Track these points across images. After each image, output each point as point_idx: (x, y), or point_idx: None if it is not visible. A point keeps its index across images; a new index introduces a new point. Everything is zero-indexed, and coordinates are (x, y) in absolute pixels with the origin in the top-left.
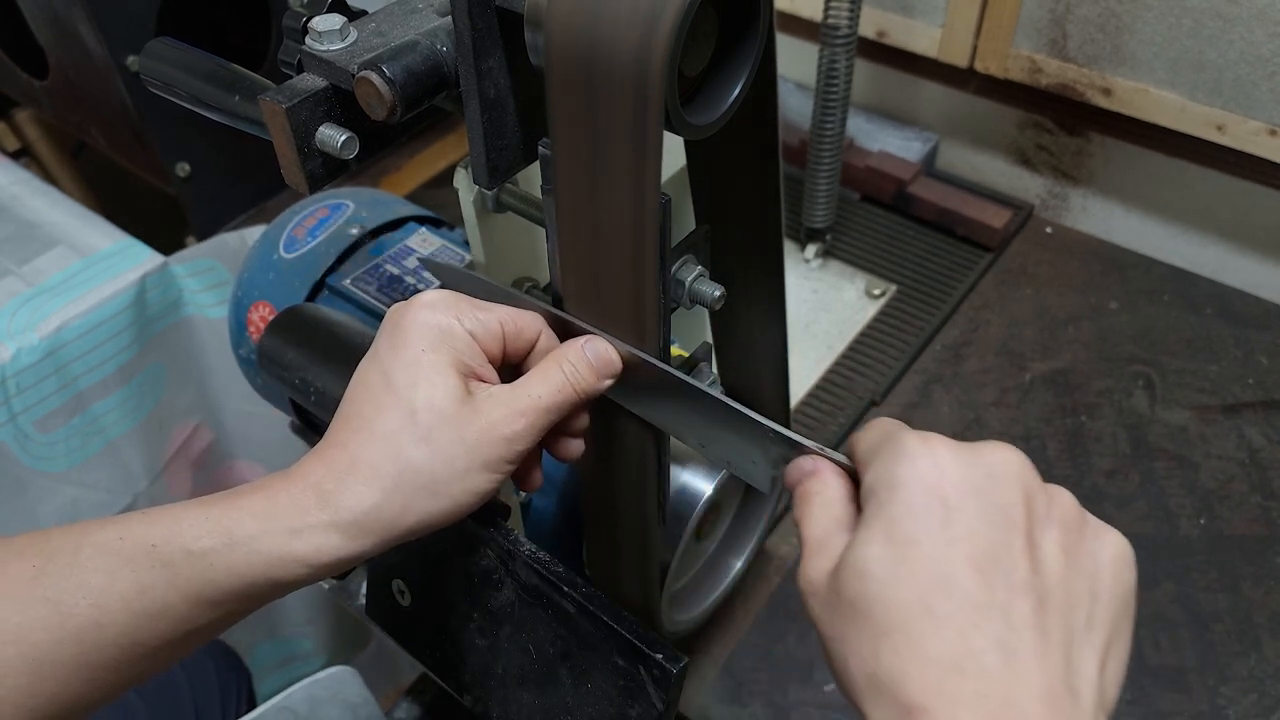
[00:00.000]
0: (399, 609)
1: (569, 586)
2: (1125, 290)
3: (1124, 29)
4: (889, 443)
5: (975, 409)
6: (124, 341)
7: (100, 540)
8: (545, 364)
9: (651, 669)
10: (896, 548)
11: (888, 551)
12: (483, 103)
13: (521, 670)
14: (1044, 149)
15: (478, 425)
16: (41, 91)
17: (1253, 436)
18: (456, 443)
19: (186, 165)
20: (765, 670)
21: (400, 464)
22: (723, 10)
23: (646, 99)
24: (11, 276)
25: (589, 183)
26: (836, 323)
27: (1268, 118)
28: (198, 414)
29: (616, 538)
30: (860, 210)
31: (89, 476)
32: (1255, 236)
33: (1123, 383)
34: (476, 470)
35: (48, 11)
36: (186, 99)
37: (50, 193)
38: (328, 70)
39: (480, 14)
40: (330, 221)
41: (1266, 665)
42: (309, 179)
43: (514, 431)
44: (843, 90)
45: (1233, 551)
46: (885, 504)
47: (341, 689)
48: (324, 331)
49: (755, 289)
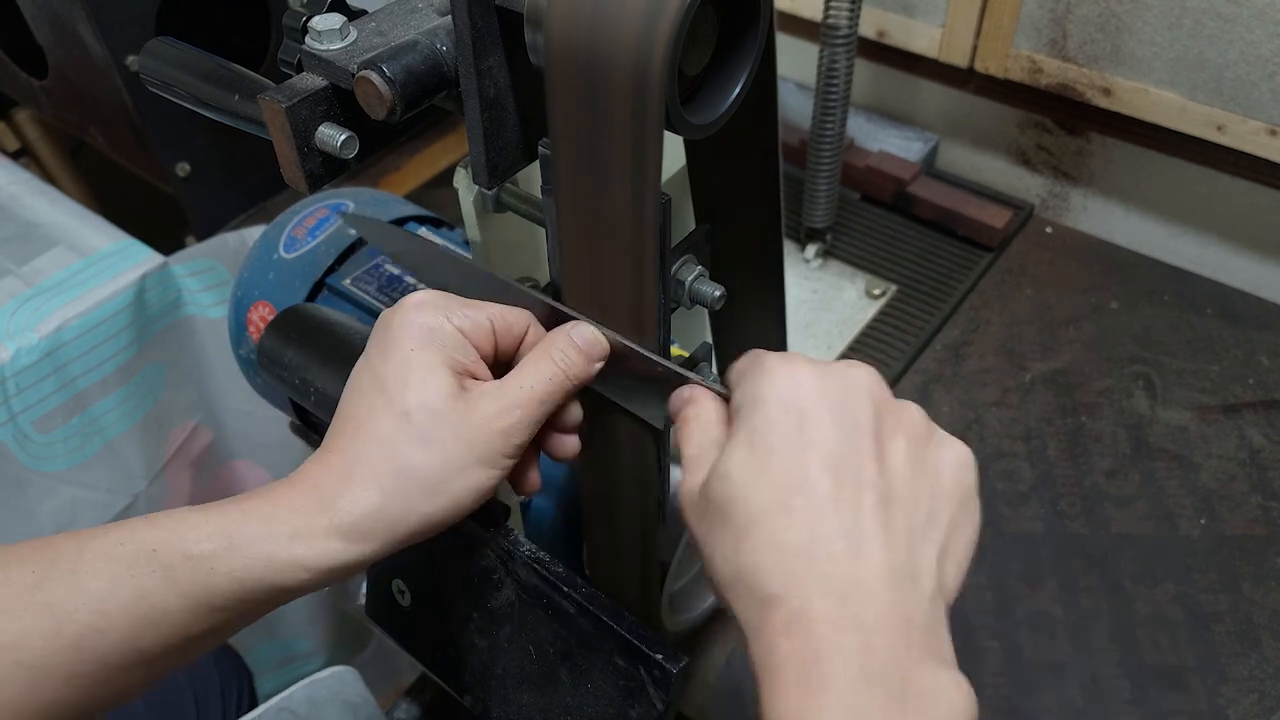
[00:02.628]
0: (399, 609)
1: (569, 586)
2: (1125, 290)
3: (1124, 29)
4: (753, 364)
5: (975, 409)
6: (123, 341)
7: (102, 546)
8: (534, 354)
9: (651, 669)
10: (757, 454)
11: (749, 458)
12: (483, 102)
13: (521, 670)
14: (1044, 149)
15: (472, 421)
16: (41, 91)
17: (1253, 436)
18: (452, 440)
19: (186, 165)
20: None
21: (398, 465)
22: (723, 10)
23: (646, 98)
24: (11, 276)
25: (589, 183)
26: (836, 323)
27: (1268, 118)
28: (197, 414)
29: (616, 538)
30: (860, 210)
31: (88, 476)
32: (1255, 236)
33: (1123, 383)
34: (474, 466)
35: (47, 11)
36: (186, 98)
37: (50, 193)
38: (327, 70)
39: (480, 13)
40: (330, 221)
41: (1266, 665)
42: (308, 178)
43: (508, 425)
44: (843, 90)
45: (1233, 552)
46: (748, 417)
47: (342, 689)
48: (324, 331)
49: (755, 289)
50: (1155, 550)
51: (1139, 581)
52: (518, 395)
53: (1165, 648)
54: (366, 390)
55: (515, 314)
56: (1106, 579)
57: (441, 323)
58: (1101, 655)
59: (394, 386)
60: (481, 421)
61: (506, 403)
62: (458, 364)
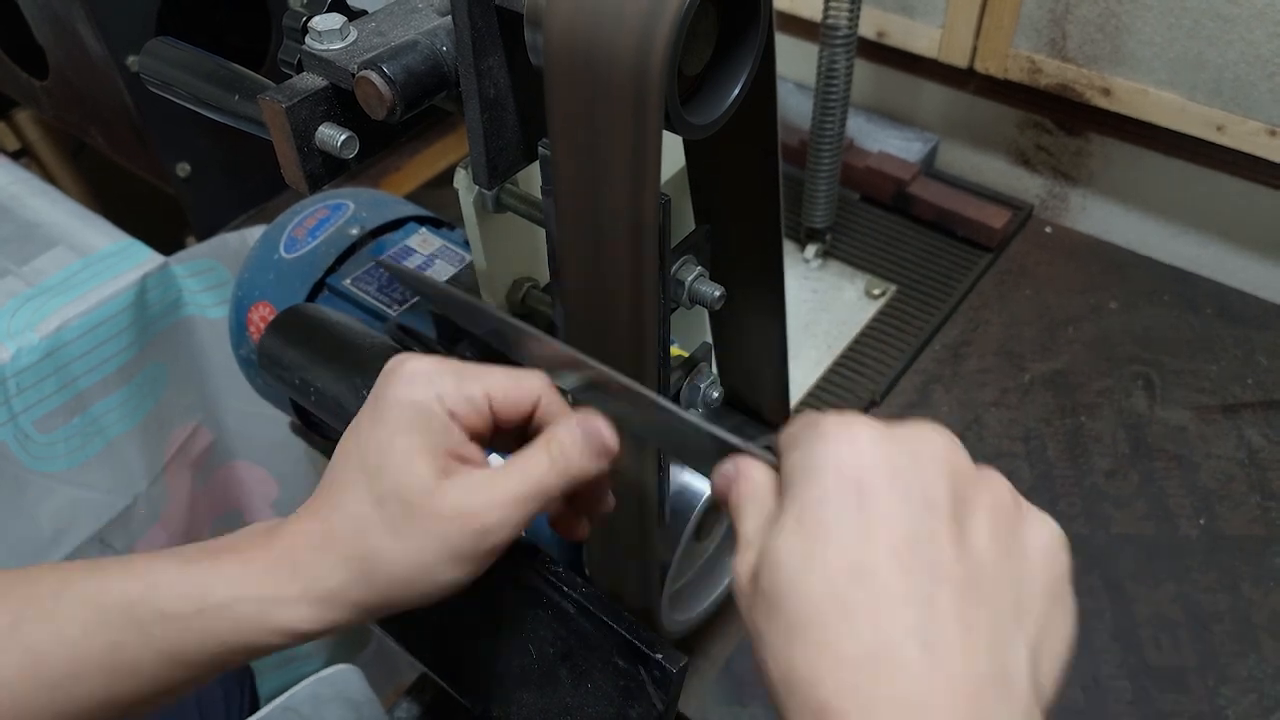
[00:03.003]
0: None
1: (569, 586)
2: (1125, 290)
3: (1124, 29)
4: (807, 428)
5: (975, 409)
6: (124, 341)
7: (79, 594)
8: (533, 447)
9: (651, 669)
10: (808, 535)
11: (799, 540)
12: (483, 102)
13: (521, 670)
14: (1044, 149)
15: (446, 515)
16: (41, 91)
17: (1252, 436)
18: (422, 535)
19: (186, 165)
20: None
21: (367, 549)
22: (722, 9)
23: (646, 98)
24: (11, 276)
25: (589, 183)
26: (836, 323)
27: (1268, 118)
28: (198, 414)
29: (616, 538)
30: (860, 210)
31: (89, 477)
32: (1255, 236)
33: (1123, 383)
34: (446, 563)
35: (48, 11)
36: (186, 98)
37: (50, 193)
38: (328, 70)
39: (480, 13)
40: (330, 222)
41: (1266, 665)
42: (308, 178)
43: (485, 525)
44: (843, 90)
45: (1233, 551)
46: (799, 492)
47: (345, 687)
48: (324, 332)
49: (755, 289)
50: (1155, 550)
51: (1139, 581)
52: (500, 494)
53: (1165, 648)
54: (348, 462)
55: (524, 386)
56: (1106, 579)
57: (431, 403)
58: (1101, 655)
59: (372, 468)
60: (455, 517)
61: (487, 500)
62: (442, 450)
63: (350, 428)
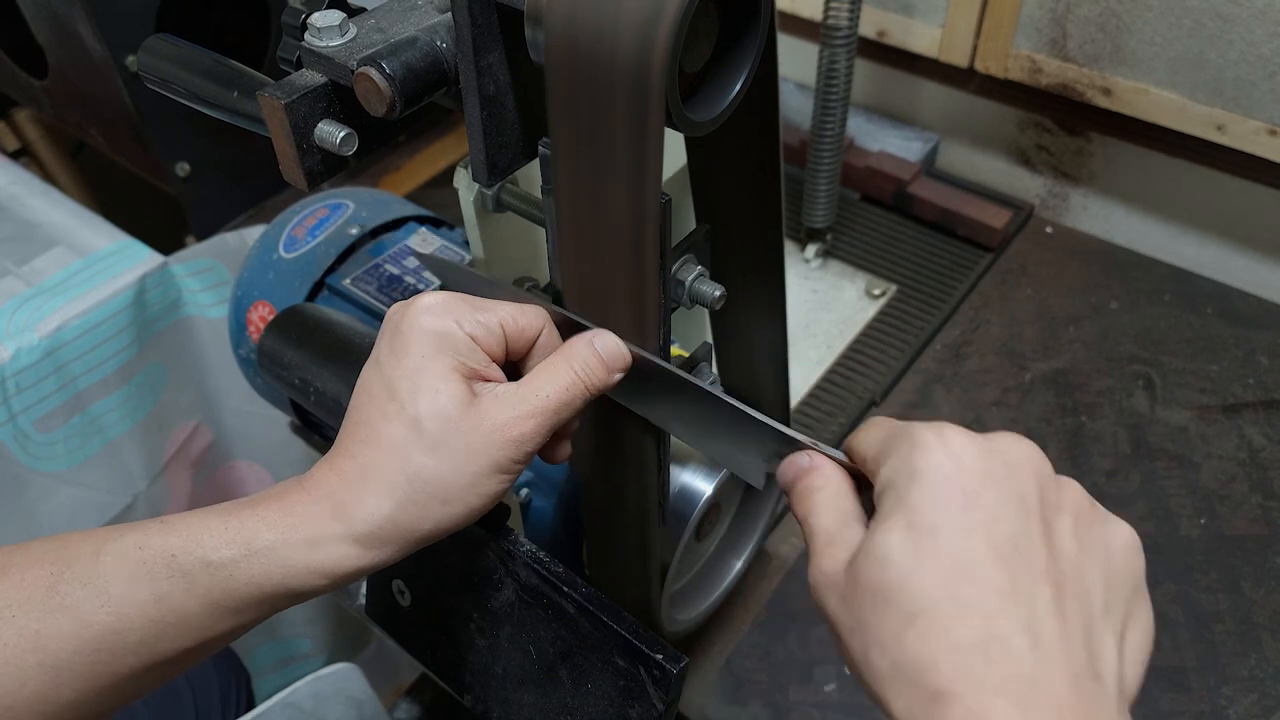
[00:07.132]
0: (399, 609)
1: (569, 586)
2: (1125, 290)
3: (1124, 29)
4: (901, 436)
5: (975, 409)
6: (123, 341)
7: (119, 548)
8: (553, 361)
9: (651, 669)
10: (918, 535)
11: (909, 539)
12: (482, 99)
13: (521, 670)
14: (1044, 149)
15: (485, 429)
16: (41, 91)
17: (1253, 436)
18: (464, 449)
19: (186, 165)
20: (765, 670)
21: (410, 473)
22: (723, 6)
23: (647, 95)
24: (11, 276)
25: (589, 182)
26: (836, 323)
27: (1268, 117)
28: (197, 414)
29: (616, 538)
30: (860, 210)
31: (88, 476)
32: (1255, 236)
33: (1123, 383)
34: (487, 474)
35: (47, 11)
36: (185, 96)
37: (50, 193)
38: (327, 66)
39: (480, 10)
40: (330, 221)
41: (1267, 665)
42: (307, 175)
43: (522, 433)
44: (843, 90)
45: (1233, 551)
46: (904, 494)
47: (346, 685)
48: (324, 331)
49: (755, 289)
50: (1155, 550)
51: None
52: (533, 403)
53: (1165, 648)
54: (377, 394)
55: (530, 316)
56: None
57: (453, 329)
58: None
59: (405, 393)
60: (494, 429)
61: (521, 411)
62: (468, 369)
63: (369, 364)
